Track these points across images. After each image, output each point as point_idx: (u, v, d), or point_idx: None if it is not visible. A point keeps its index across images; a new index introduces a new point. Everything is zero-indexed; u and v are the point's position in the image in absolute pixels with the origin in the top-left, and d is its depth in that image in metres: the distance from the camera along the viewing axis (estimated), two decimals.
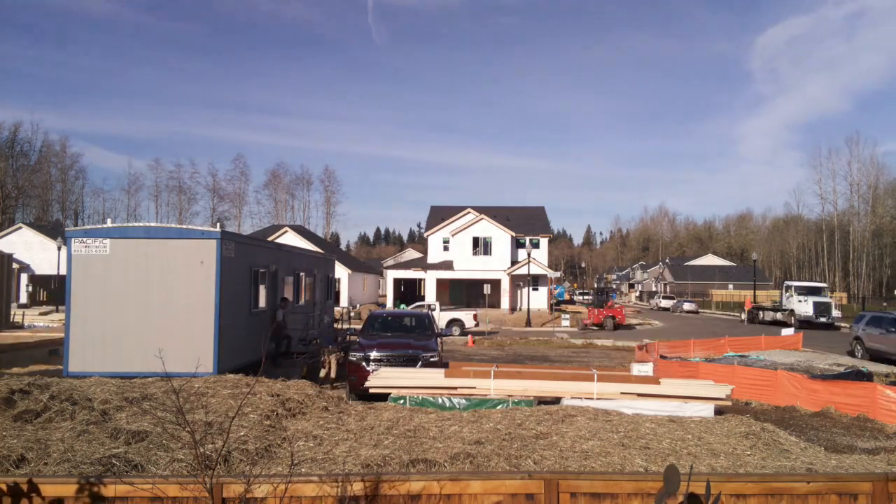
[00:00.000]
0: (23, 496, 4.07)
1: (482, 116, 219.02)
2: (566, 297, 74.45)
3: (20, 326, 28.39)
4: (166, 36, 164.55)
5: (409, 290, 57.93)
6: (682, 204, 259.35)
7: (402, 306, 51.57)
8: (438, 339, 15.53)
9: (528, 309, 45.25)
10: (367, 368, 13.34)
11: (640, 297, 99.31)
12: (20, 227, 52.80)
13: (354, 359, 13.70)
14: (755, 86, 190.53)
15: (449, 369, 12.38)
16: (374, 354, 13.61)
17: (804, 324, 37.36)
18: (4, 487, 4.09)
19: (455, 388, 11.17)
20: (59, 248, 40.78)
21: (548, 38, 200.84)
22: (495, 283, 48.45)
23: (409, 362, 13.48)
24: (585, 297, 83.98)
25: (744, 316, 46.33)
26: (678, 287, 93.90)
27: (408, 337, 15.09)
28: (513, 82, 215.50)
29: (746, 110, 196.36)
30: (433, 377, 11.49)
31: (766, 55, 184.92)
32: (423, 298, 52.81)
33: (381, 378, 11.72)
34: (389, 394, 13.00)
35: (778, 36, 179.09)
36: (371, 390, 11.59)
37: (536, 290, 51.74)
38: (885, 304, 50.88)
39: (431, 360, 13.64)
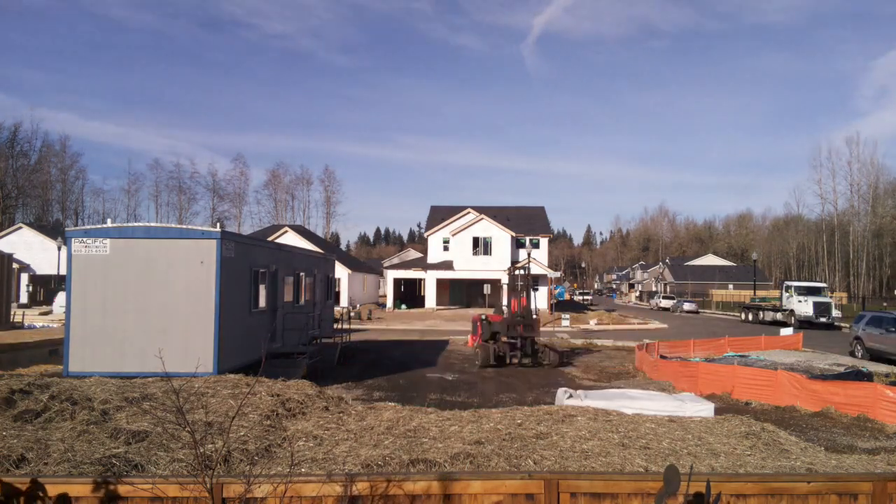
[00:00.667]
0: (24, 496, 4.07)
1: (483, 115, 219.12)
2: (566, 297, 74.41)
3: (20, 326, 28.41)
4: (167, 35, 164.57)
5: (409, 290, 57.92)
6: (683, 204, 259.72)
7: (403, 306, 51.60)
8: None
9: None
10: None
11: (640, 297, 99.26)
12: (20, 227, 52.82)
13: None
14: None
15: None
16: None
17: (804, 324, 37.35)
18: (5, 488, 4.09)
19: None
20: (59, 248, 40.80)
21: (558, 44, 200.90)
22: (495, 283, 48.42)
23: None
24: (585, 298, 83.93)
25: (749, 317, 46.01)
26: (678, 287, 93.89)
27: None
28: (513, 81, 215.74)
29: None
30: None
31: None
32: (423, 298, 52.85)
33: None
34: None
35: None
36: None
37: (536, 290, 51.66)
38: (885, 303, 50.87)
39: None
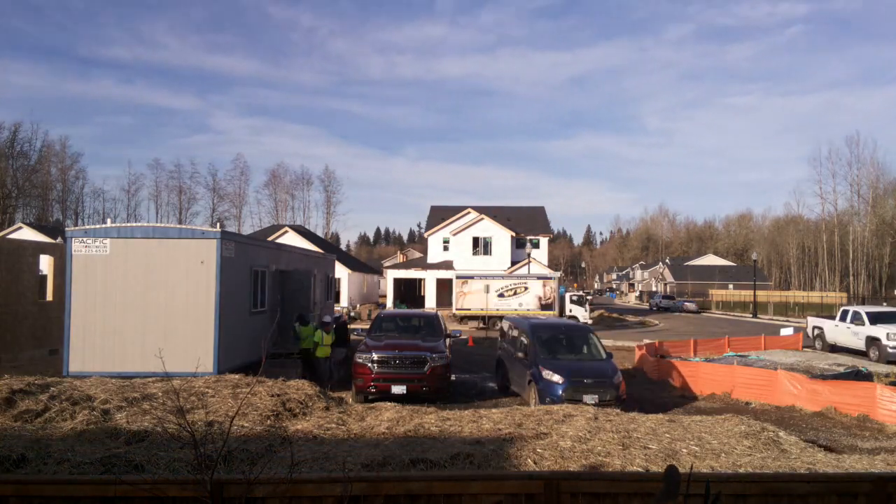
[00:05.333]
0: (22, 498, 4.07)
1: (481, 114, 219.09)
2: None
3: None
4: (167, 35, 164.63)
5: (409, 290, 57.90)
6: (683, 204, 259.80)
7: (403, 306, 51.59)
8: (447, 340, 15.28)
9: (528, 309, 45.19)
10: (373, 369, 13.21)
11: (639, 297, 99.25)
12: (20, 227, 52.82)
13: (360, 360, 13.53)
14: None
15: None
16: (380, 355, 13.39)
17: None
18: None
19: None
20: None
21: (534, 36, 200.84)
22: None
23: (417, 364, 13.34)
24: (586, 297, 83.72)
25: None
26: (678, 287, 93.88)
27: (415, 338, 14.73)
28: (512, 82, 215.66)
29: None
30: None
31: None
32: (423, 298, 52.82)
33: None
34: (392, 394, 12.96)
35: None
36: None
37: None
38: (884, 303, 50.84)
39: (439, 361, 13.48)
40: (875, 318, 23.32)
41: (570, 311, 39.14)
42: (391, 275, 53.39)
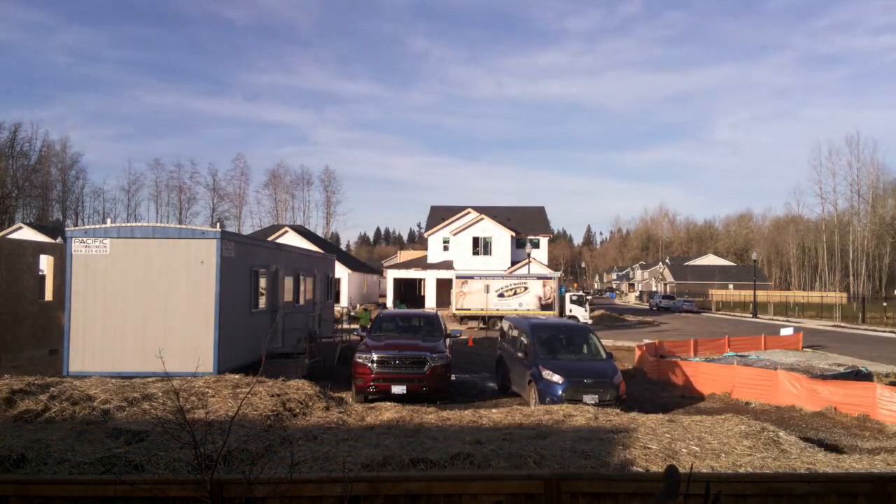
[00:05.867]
0: (22, 497, 4.07)
1: (482, 113, 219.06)
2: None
3: None
4: (167, 34, 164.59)
5: (409, 290, 57.90)
6: (683, 204, 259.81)
7: (403, 306, 51.57)
8: (447, 340, 15.29)
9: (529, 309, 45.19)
10: (373, 369, 13.21)
11: (639, 297, 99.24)
12: (20, 227, 52.81)
13: (360, 360, 13.53)
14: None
15: None
16: (380, 355, 13.40)
17: None
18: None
19: None
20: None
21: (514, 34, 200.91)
22: None
23: (417, 364, 13.35)
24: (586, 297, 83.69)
25: None
26: (678, 287, 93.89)
27: (416, 338, 14.75)
28: (512, 82, 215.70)
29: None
30: None
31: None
32: (423, 298, 52.81)
33: None
34: (392, 394, 12.95)
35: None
36: None
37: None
38: (884, 303, 50.82)
39: (439, 361, 13.49)
40: None
41: (570, 311, 39.13)
42: (391, 275, 53.38)
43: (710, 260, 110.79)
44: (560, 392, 12.16)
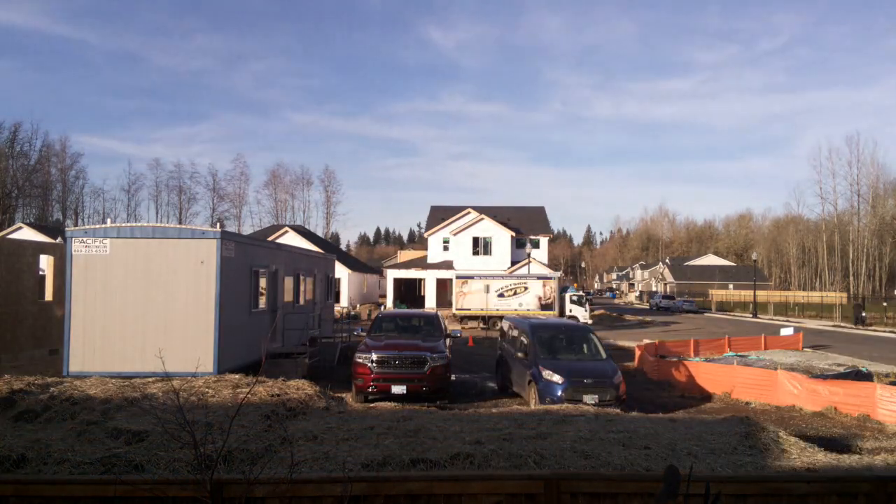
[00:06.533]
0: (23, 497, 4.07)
1: (479, 112, 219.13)
2: None
3: None
4: (166, 34, 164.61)
5: (409, 290, 57.90)
6: (683, 204, 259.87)
7: (403, 306, 51.56)
8: (447, 340, 15.26)
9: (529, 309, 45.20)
10: (373, 370, 13.20)
11: (639, 297, 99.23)
12: (21, 227, 52.81)
13: (360, 360, 13.52)
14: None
15: None
16: (380, 355, 13.38)
17: None
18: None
19: None
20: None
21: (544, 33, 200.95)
22: None
23: (417, 364, 13.34)
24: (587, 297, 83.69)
25: None
26: (678, 287, 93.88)
27: (415, 338, 14.71)
28: (512, 82, 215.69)
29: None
30: None
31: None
32: (423, 298, 52.80)
33: None
34: (392, 394, 12.94)
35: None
36: None
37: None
38: (885, 303, 50.82)
39: (439, 361, 13.48)
40: None
41: (570, 310, 39.13)
42: (391, 275, 53.38)
43: (710, 260, 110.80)
44: (560, 392, 12.15)
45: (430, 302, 51.24)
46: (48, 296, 18.83)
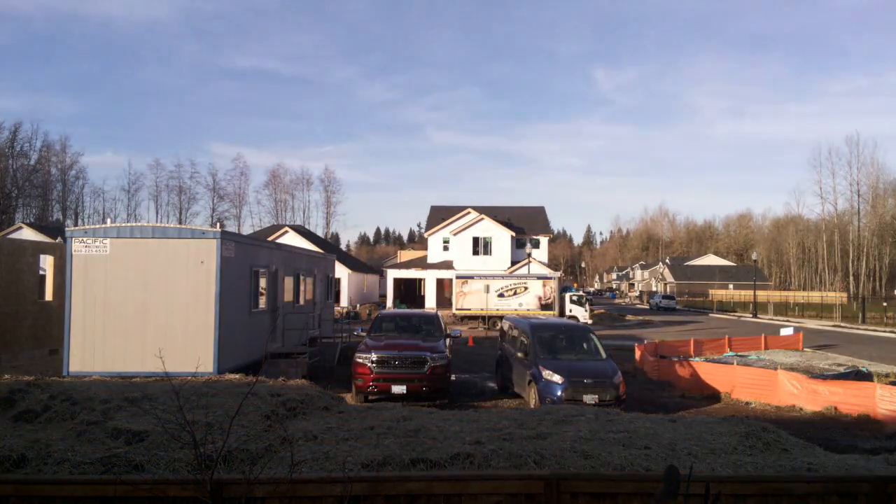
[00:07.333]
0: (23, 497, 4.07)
1: (482, 112, 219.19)
2: None
3: None
4: (166, 34, 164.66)
5: (409, 290, 57.91)
6: (683, 204, 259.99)
7: (403, 306, 51.57)
8: (447, 340, 15.25)
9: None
10: (373, 370, 13.18)
11: (639, 297, 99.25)
12: (20, 227, 52.83)
13: (360, 360, 13.49)
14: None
15: None
16: (380, 355, 13.35)
17: None
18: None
19: None
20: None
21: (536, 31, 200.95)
22: None
23: (417, 364, 13.32)
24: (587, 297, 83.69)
25: None
26: (678, 287, 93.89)
27: (415, 338, 14.67)
28: (512, 84, 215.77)
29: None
30: None
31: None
32: (423, 298, 52.80)
33: None
34: (392, 394, 12.94)
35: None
36: None
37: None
38: (885, 303, 50.81)
39: (439, 361, 13.47)
40: None
41: (570, 310, 39.14)
42: (391, 275, 53.39)
43: (710, 260, 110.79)
44: (560, 392, 12.15)
45: (430, 302, 51.24)
46: (48, 296, 18.83)
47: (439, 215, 55.82)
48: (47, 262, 18.92)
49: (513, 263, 50.51)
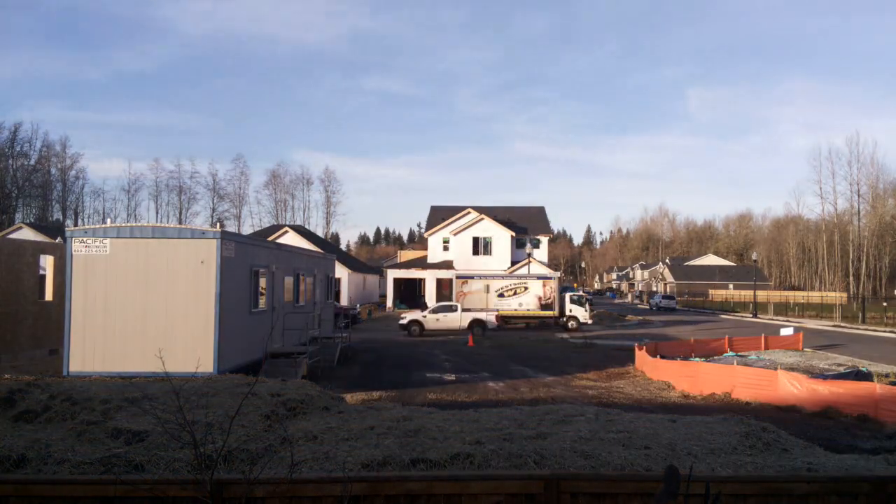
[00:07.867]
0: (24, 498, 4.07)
1: (481, 112, 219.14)
2: None
3: None
4: (166, 33, 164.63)
5: (409, 290, 57.91)
6: (683, 204, 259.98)
7: (403, 306, 51.58)
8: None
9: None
10: None
11: (639, 297, 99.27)
12: (21, 227, 52.84)
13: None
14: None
15: None
16: None
17: None
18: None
19: None
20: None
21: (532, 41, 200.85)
22: None
23: None
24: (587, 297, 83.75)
25: None
26: (678, 287, 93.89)
27: None
28: (515, 83, 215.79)
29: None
30: None
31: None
32: (423, 298, 52.78)
33: None
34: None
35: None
36: None
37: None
38: (885, 303, 50.79)
39: None
40: None
41: (570, 310, 39.12)
42: (391, 275, 53.38)
43: (711, 260, 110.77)
44: None
45: (431, 302, 51.21)
46: (48, 296, 18.83)
47: (439, 215, 55.82)
48: (47, 262, 18.93)
49: (513, 263, 50.50)
